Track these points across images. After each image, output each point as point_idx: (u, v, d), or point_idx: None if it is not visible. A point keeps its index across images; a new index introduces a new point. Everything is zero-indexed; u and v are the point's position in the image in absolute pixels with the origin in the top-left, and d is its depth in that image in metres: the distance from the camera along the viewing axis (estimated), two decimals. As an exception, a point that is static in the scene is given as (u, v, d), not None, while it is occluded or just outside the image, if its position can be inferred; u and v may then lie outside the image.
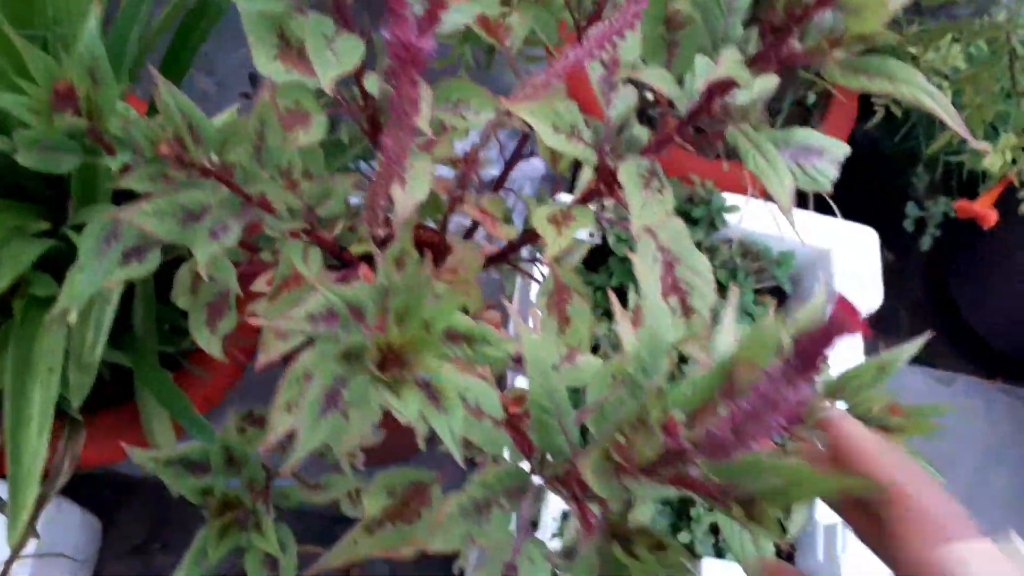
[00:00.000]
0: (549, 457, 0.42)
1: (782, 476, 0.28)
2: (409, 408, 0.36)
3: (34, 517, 0.96)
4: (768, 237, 1.19)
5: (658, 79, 0.48)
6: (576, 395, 0.46)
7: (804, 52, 0.45)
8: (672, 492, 0.33)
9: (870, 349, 1.51)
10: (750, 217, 1.17)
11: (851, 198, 1.31)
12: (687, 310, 0.58)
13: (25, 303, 0.74)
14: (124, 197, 0.60)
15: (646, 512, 0.68)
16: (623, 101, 0.60)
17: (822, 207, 1.30)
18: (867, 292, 1.15)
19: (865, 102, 1.31)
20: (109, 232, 0.59)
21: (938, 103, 0.41)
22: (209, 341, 0.70)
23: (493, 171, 0.87)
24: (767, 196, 1.21)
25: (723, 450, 0.28)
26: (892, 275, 1.59)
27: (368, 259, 0.63)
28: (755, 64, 0.47)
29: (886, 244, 1.54)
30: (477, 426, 0.49)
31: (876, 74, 0.42)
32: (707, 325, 0.58)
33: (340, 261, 0.70)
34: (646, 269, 0.57)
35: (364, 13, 0.60)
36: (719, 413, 0.27)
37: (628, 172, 0.51)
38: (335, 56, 0.50)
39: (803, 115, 1.35)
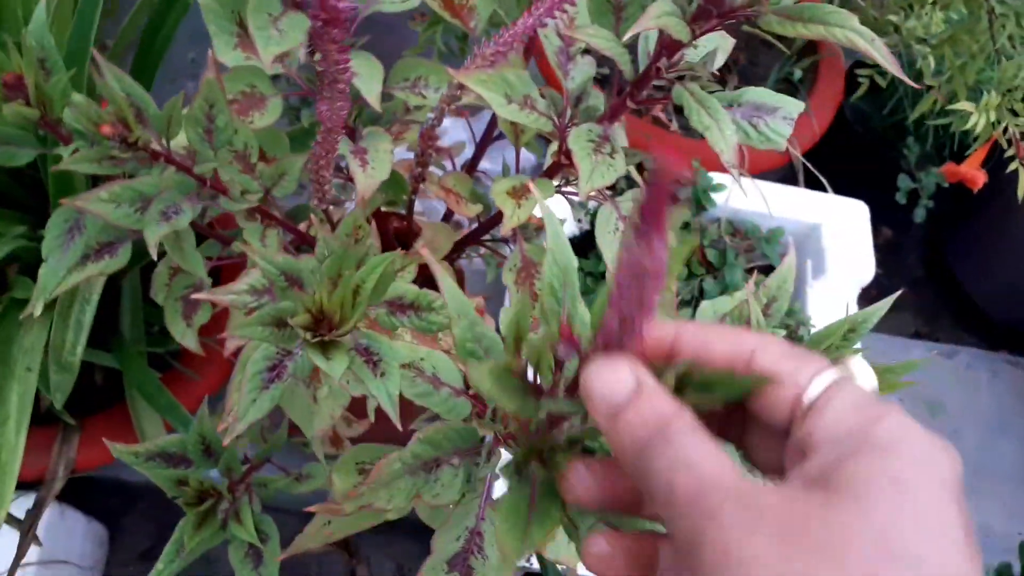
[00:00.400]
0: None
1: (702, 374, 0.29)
2: (335, 369, 0.35)
3: (34, 523, 0.97)
4: (757, 215, 1.18)
5: (600, 39, 0.48)
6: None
7: (741, 5, 0.45)
8: None
9: (898, 329, 1.50)
10: (738, 196, 1.16)
11: (845, 175, 1.30)
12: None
13: (4, 306, 0.75)
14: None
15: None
16: (581, 72, 0.60)
17: (814, 184, 1.28)
18: (859, 266, 1.14)
19: (852, 78, 1.30)
20: (72, 224, 0.59)
21: (871, 45, 0.40)
22: (184, 334, 0.71)
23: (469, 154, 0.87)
24: (754, 173, 1.20)
25: (616, 345, 0.28)
26: (890, 251, 1.57)
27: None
28: (696, 20, 0.47)
29: (883, 220, 1.52)
30: (434, 395, 0.49)
31: (811, 20, 0.42)
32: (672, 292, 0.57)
33: (310, 246, 0.70)
34: (606, 239, 0.57)
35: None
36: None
37: (577, 137, 0.51)
38: (279, 33, 0.50)
39: (790, 91, 1.33)
